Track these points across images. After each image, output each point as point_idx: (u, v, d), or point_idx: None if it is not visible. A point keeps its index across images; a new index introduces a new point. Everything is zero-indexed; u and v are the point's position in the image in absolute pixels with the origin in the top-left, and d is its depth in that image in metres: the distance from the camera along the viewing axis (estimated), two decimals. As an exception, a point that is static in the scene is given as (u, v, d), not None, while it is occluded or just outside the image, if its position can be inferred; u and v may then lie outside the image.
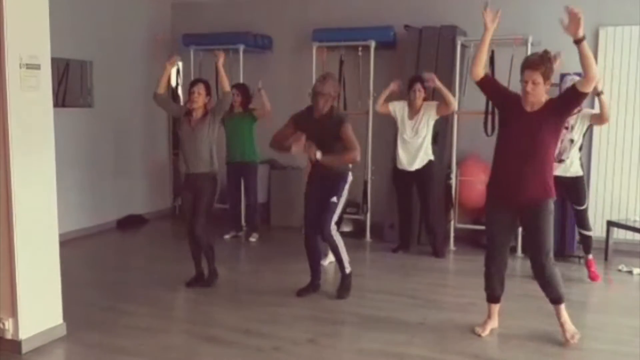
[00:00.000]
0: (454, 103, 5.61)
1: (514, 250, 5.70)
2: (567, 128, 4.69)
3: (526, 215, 3.58)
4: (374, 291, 4.54)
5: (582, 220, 5.02)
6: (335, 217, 4.48)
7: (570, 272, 5.27)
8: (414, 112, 5.65)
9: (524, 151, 3.46)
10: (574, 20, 3.29)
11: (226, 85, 4.71)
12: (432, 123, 5.62)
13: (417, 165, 5.67)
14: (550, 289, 3.66)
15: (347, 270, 4.59)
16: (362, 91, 6.47)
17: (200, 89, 4.63)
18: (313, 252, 4.63)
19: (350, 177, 4.55)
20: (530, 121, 3.46)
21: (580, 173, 4.92)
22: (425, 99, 5.65)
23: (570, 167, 4.86)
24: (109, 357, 3.54)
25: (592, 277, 5.02)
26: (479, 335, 3.80)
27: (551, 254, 3.60)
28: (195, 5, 7.64)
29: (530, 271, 3.76)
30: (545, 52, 3.52)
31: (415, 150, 5.64)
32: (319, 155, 4.26)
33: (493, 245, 3.73)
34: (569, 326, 3.69)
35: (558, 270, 3.69)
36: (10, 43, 3.34)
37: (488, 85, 3.64)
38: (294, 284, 4.73)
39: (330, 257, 5.36)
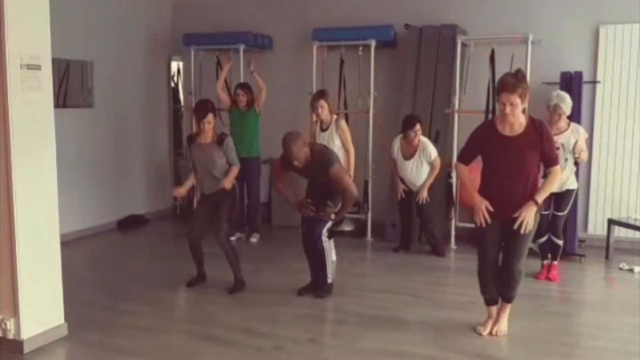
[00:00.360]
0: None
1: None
2: (558, 148, 4.58)
3: (511, 226, 3.56)
4: (375, 290, 4.54)
5: (556, 226, 4.94)
6: (328, 222, 4.47)
7: (572, 271, 5.28)
8: (410, 151, 5.65)
9: (512, 174, 3.52)
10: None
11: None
12: (425, 164, 5.65)
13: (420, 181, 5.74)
14: (510, 290, 3.74)
15: (329, 279, 4.55)
16: (363, 90, 6.47)
17: (210, 119, 4.58)
18: (311, 252, 4.63)
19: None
20: (514, 146, 3.49)
21: (573, 186, 4.90)
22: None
23: (566, 182, 4.81)
24: (110, 356, 3.55)
25: (551, 277, 4.97)
26: (480, 334, 3.80)
27: (524, 259, 3.69)
28: (195, 5, 7.64)
29: (528, 270, 3.77)
30: (519, 71, 3.56)
31: (419, 180, 5.70)
32: (333, 216, 4.40)
33: (485, 257, 3.75)
34: (504, 323, 3.80)
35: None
36: (11, 44, 3.34)
37: (471, 156, 3.73)
38: (295, 284, 4.73)
39: (333, 256, 5.36)
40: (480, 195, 3.66)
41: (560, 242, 4.99)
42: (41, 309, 3.65)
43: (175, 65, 8.01)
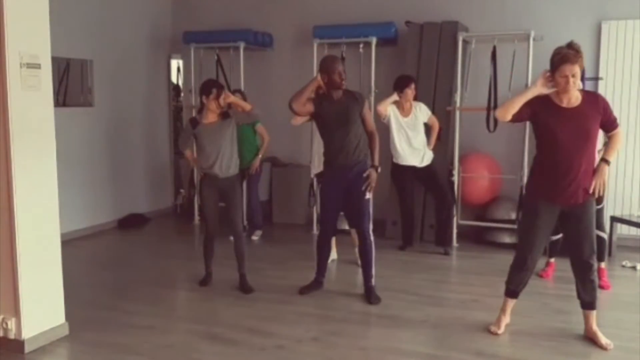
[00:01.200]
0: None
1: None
2: None
3: (572, 214, 3.49)
4: (377, 288, 4.51)
5: (598, 219, 4.60)
6: (371, 214, 4.42)
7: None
8: (405, 110, 5.61)
9: (577, 148, 3.38)
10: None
11: (247, 106, 4.63)
12: (421, 119, 5.62)
13: (425, 162, 5.65)
14: (591, 289, 3.60)
15: (374, 281, 4.46)
16: (363, 87, 6.44)
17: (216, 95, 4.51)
18: (325, 250, 4.62)
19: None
20: (578, 117, 3.38)
21: None
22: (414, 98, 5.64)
23: None
24: (112, 356, 3.53)
25: (602, 286, 4.70)
26: (496, 334, 3.75)
27: (595, 251, 3.58)
28: (195, 2, 7.62)
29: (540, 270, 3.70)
30: (572, 42, 3.42)
31: (420, 146, 5.62)
32: (374, 174, 4.32)
33: (534, 241, 3.58)
34: (601, 334, 3.64)
35: None
36: (10, 42, 3.32)
37: (519, 117, 3.49)
38: (298, 282, 4.71)
39: (333, 255, 5.35)
40: (534, 177, 3.54)
41: (605, 236, 4.76)
42: (42, 309, 3.64)
43: (175, 64, 7.99)
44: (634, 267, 5.26)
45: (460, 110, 6.06)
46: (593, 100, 3.46)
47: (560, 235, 4.74)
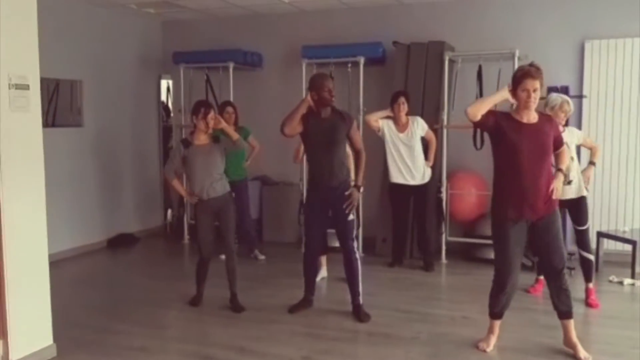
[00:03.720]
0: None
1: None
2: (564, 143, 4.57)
3: (540, 228, 3.55)
4: (367, 306, 4.52)
5: (582, 240, 4.73)
6: (354, 234, 4.46)
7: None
8: (402, 126, 5.67)
9: (536, 163, 3.48)
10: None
11: (234, 136, 4.66)
12: (418, 134, 5.67)
13: (421, 180, 5.69)
14: (565, 297, 3.64)
15: (361, 299, 4.47)
16: (352, 107, 6.50)
17: (213, 115, 4.59)
18: (312, 269, 4.64)
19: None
20: (535, 132, 3.49)
21: (584, 192, 4.65)
22: (407, 113, 5.69)
23: (580, 187, 4.60)
24: (101, 378, 3.50)
25: (591, 304, 4.70)
26: (484, 351, 3.76)
27: (565, 260, 3.65)
28: (185, 23, 7.68)
29: (529, 284, 3.74)
30: (534, 63, 3.58)
31: (416, 163, 5.66)
32: (361, 190, 4.41)
33: (509, 266, 3.61)
34: (580, 347, 3.65)
35: None
36: (-1, 63, 3.34)
37: (485, 121, 3.54)
38: (288, 301, 4.71)
39: (322, 273, 5.35)
40: (498, 198, 3.62)
41: (592, 257, 4.74)
42: (30, 330, 3.60)
43: (165, 83, 8.02)
44: (620, 283, 5.30)
45: (447, 128, 6.12)
46: (547, 119, 3.67)
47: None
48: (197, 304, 4.76)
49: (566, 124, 4.79)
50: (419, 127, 5.67)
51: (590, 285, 4.76)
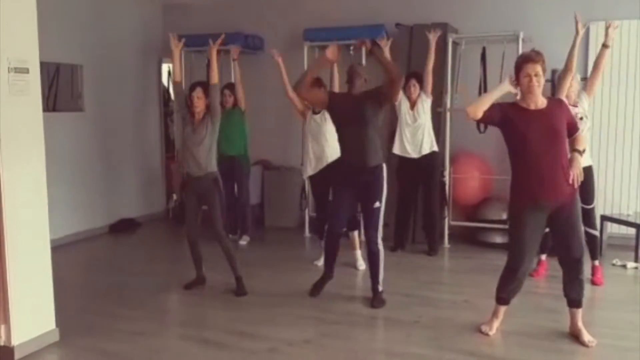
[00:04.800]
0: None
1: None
2: (581, 118, 4.42)
3: (559, 214, 3.49)
4: (369, 290, 4.52)
5: (589, 218, 4.66)
6: (380, 224, 4.30)
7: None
8: (412, 104, 5.69)
9: (549, 149, 3.41)
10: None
11: (215, 77, 4.64)
12: (427, 107, 5.65)
13: (424, 150, 5.67)
14: (579, 288, 3.61)
15: (381, 288, 4.37)
16: (354, 90, 6.45)
17: (199, 93, 4.55)
18: (335, 249, 4.52)
19: (385, 169, 4.33)
20: (544, 117, 3.43)
21: (590, 162, 4.58)
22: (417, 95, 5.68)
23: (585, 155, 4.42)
24: (103, 361, 3.51)
25: (596, 282, 4.77)
26: (487, 334, 3.75)
27: (584, 250, 3.60)
28: (186, 6, 7.60)
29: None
30: (535, 49, 3.55)
31: (419, 134, 5.65)
32: (368, 44, 4.24)
33: (524, 251, 3.57)
34: (585, 331, 3.66)
35: None
36: (-3, 47, 3.31)
37: (489, 116, 3.51)
38: (290, 285, 4.72)
39: (321, 261, 5.26)
40: (515, 186, 3.53)
41: (597, 233, 4.77)
42: (32, 315, 3.61)
43: (166, 67, 7.97)
44: (624, 266, 5.29)
45: (450, 111, 6.08)
46: (557, 104, 3.59)
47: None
48: (190, 287, 4.75)
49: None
50: (426, 101, 5.67)
51: (597, 262, 4.77)
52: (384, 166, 4.32)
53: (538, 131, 3.41)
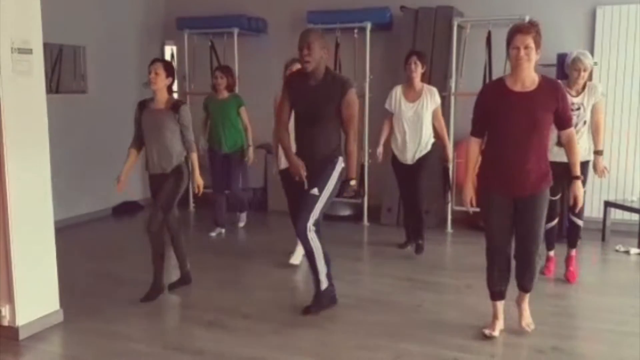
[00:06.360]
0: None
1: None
2: (578, 109, 4.23)
3: (523, 203, 3.29)
4: (371, 274, 4.55)
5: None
6: (315, 214, 3.70)
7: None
8: (413, 93, 5.00)
9: (523, 138, 3.17)
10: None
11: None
12: (431, 110, 5.01)
13: (417, 156, 5.06)
14: (531, 280, 3.45)
15: (323, 285, 3.85)
16: (358, 73, 6.42)
17: (158, 68, 4.09)
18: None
19: (341, 164, 3.79)
20: (526, 103, 3.15)
21: (589, 157, 4.42)
22: (423, 74, 5.08)
23: (583, 152, 4.25)
24: (107, 342, 3.53)
25: (568, 277, 4.52)
26: (490, 336, 3.54)
27: (541, 243, 3.43)
28: (188, -12, 7.55)
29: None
30: (533, 21, 3.28)
31: (417, 139, 5.00)
32: (353, 182, 3.75)
33: (496, 246, 3.41)
34: (528, 314, 3.60)
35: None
36: (1, 27, 3.28)
37: (480, 118, 3.36)
38: (293, 268, 4.71)
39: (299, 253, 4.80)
40: (483, 167, 3.36)
41: (581, 223, 4.52)
42: (36, 296, 3.63)
43: (169, 50, 7.92)
44: (627, 252, 5.29)
45: (455, 95, 6.05)
46: (551, 87, 3.24)
47: (555, 222, 4.55)
48: (150, 297, 4.19)
49: (590, 79, 4.41)
50: (434, 99, 5.00)
51: (573, 252, 4.57)
52: (339, 160, 3.80)
53: (515, 116, 3.17)
